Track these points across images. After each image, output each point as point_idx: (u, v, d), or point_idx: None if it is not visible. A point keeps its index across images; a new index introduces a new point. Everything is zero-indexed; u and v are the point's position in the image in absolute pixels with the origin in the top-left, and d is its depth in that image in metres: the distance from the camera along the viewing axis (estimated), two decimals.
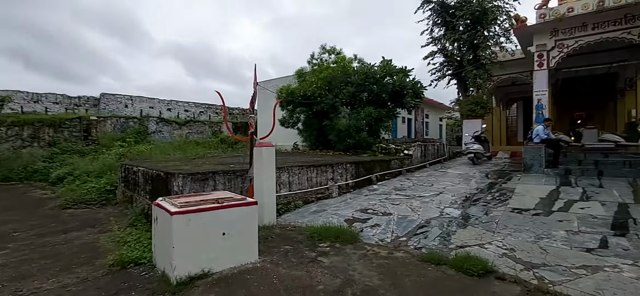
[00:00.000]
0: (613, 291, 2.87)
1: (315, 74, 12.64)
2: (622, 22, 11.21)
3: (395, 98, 12.19)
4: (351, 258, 3.87)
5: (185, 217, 3.20)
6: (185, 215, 3.20)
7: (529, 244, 4.14)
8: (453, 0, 15.95)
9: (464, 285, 3.13)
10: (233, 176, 5.79)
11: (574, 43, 12.11)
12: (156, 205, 3.63)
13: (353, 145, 11.50)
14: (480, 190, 7.45)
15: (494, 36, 15.55)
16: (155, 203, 3.67)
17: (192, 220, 3.24)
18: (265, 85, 19.11)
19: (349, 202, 6.96)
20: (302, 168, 6.93)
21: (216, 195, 3.87)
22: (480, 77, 15.16)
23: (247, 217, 3.66)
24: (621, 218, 4.92)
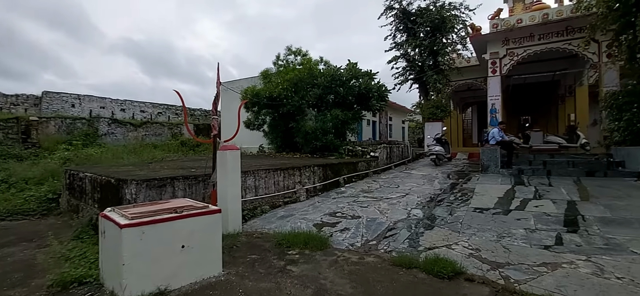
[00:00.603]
0: (573, 288, 3.00)
1: (281, 76, 12.41)
2: (564, 34, 12.28)
3: (361, 101, 12.32)
4: (322, 265, 3.73)
5: (138, 230, 2.86)
6: (137, 228, 2.86)
7: (492, 243, 4.27)
8: (414, 8, 16.54)
9: (435, 288, 3.11)
10: (194, 182, 5.41)
11: (522, 52, 13.04)
12: (103, 216, 3.22)
13: (320, 148, 11.42)
14: (443, 191, 7.69)
15: (452, 43, 16.34)
16: (103, 214, 3.26)
17: (145, 233, 2.90)
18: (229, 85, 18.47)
19: (317, 205, 6.82)
20: (269, 171, 6.68)
21: (174, 204, 3.53)
22: (439, 82, 15.85)
23: (210, 226, 3.37)
24: (571, 215, 5.28)
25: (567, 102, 19.66)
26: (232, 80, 18.46)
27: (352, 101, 12.01)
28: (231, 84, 18.03)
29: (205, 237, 3.34)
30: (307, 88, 12.33)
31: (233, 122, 17.35)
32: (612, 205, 5.66)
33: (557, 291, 2.96)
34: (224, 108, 19.06)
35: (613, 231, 4.45)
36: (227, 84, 19.73)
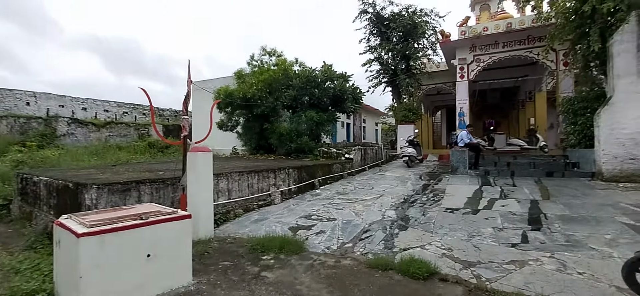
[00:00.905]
0: (540, 284, 3.13)
1: (256, 76, 12.18)
2: (526, 42, 13.04)
3: (336, 103, 12.36)
4: (297, 270, 3.64)
5: (97, 239, 2.63)
6: (97, 237, 2.63)
7: (463, 242, 4.39)
8: (387, 13, 16.89)
9: (411, 289, 3.13)
10: (162, 185, 5.13)
11: (488, 58, 13.71)
12: (59, 224, 2.95)
13: (295, 150, 11.31)
14: (416, 192, 7.85)
15: (423, 48, 16.84)
16: (58, 222, 2.98)
17: (106, 242, 2.67)
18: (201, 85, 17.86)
19: (292, 208, 6.73)
20: (243, 174, 6.49)
21: (140, 209, 3.31)
22: (411, 85, 16.28)
23: (179, 233, 3.18)
24: (535, 213, 5.56)
25: (527, 106, 20.91)
26: (205, 80, 17.89)
27: (327, 103, 12.02)
28: (203, 84, 17.44)
29: (174, 245, 3.15)
30: (282, 89, 12.19)
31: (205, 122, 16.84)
32: (570, 204, 6.03)
33: (526, 288, 3.07)
34: (195, 109, 18.46)
35: (572, 228, 4.73)
36: (199, 83, 19.10)
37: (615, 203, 5.88)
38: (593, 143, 8.62)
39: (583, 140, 9.36)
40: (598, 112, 8.25)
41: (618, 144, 7.76)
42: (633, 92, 7.61)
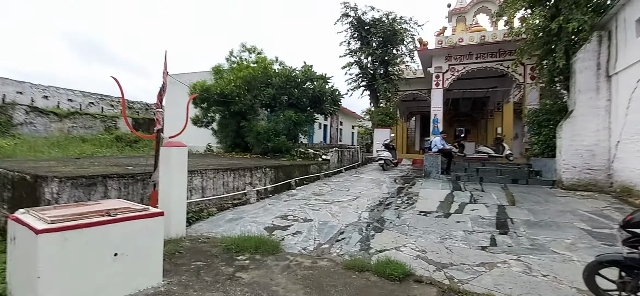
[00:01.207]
0: (508, 286, 3.26)
1: (234, 72, 11.92)
2: (497, 55, 13.68)
3: (315, 104, 12.35)
4: (273, 271, 3.58)
5: (59, 236, 2.44)
6: (58, 234, 2.44)
7: (436, 245, 4.51)
8: (368, 18, 17.12)
9: (388, 291, 3.16)
10: (132, 181, 4.87)
11: (462, 68, 14.25)
12: (14, 219, 2.71)
13: (272, 149, 11.17)
14: (391, 195, 7.99)
15: (401, 55, 17.23)
16: (13, 217, 2.74)
17: (69, 239, 2.49)
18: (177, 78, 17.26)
19: (268, 208, 6.63)
20: (218, 171, 6.31)
21: (107, 205, 3.11)
22: (389, 90, 16.61)
23: (150, 231, 3.03)
24: (502, 218, 5.83)
25: (495, 116, 21.94)
26: (180, 73, 17.24)
27: (306, 103, 11.98)
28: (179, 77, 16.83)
29: (144, 243, 2.99)
30: (261, 88, 12.01)
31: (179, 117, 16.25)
32: (534, 210, 6.37)
33: (495, 290, 3.19)
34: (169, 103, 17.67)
35: (536, 233, 4.99)
36: (174, 77, 18.44)
37: (573, 210, 6.28)
38: (555, 153, 9.19)
39: (546, 150, 9.93)
40: (560, 124, 8.80)
41: (577, 155, 8.32)
42: (592, 107, 8.19)
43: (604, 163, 8.02)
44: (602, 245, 4.42)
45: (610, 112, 7.94)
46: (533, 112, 11.28)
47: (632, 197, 6.71)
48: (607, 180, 7.93)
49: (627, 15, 7.14)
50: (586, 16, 8.21)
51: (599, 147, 8.10)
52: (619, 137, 7.51)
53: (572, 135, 8.40)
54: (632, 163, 6.96)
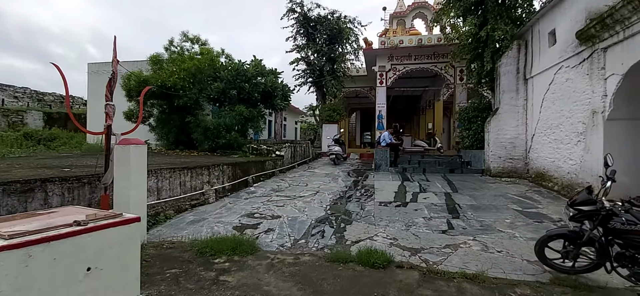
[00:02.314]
0: (474, 263, 3.68)
1: (177, 64, 10.98)
2: (432, 57, 15.04)
3: (266, 99, 12.09)
4: (258, 271, 3.47)
5: (22, 253, 2.03)
6: (21, 251, 2.03)
7: (404, 232, 4.84)
8: (314, 15, 17.28)
9: (376, 278, 3.32)
10: (77, 184, 4.22)
11: (403, 68, 15.34)
12: None
13: (222, 145, 10.63)
14: (349, 188, 8.28)
15: (347, 53, 17.79)
16: None
17: (33, 256, 2.08)
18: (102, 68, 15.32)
19: (230, 207, 6.34)
20: (174, 171, 5.81)
21: (65, 213, 2.66)
22: (335, 87, 17.05)
23: (125, 240, 2.67)
24: (451, 204, 6.49)
25: (427, 113, 24.08)
26: (105, 62, 15.29)
27: (257, 98, 11.65)
28: (104, 67, 14.96)
29: (120, 254, 2.64)
30: (208, 81, 11.32)
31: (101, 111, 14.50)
32: (474, 195, 7.22)
33: (465, 267, 3.58)
34: (92, 96, 15.63)
35: (482, 215, 5.68)
36: (96, 66, 16.28)
37: (504, 194, 7.29)
38: (483, 145, 10.50)
39: (475, 143, 11.29)
40: (488, 120, 10.09)
41: (501, 147, 9.64)
42: (513, 105, 9.55)
43: (522, 153, 9.45)
44: (534, 222, 5.23)
45: (527, 110, 9.37)
46: (464, 109, 12.70)
47: (545, 181, 8.04)
48: (524, 168, 9.36)
49: (541, 28, 8.48)
50: (508, 27, 9.54)
51: (518, 139, 9.50)
52: (534, 131, 8.92)
53: (498, 129, 9.70)
54: (544, 153, 8.32)
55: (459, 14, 10.92)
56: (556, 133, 7.71)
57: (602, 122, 5.90)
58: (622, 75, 5.48)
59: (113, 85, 4.46)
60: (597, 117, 6.04)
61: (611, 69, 5.76)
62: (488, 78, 10.83)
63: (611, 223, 2.82)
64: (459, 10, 10.74)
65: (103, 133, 4.37)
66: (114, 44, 4.55)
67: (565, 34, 7.25)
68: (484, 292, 3.03)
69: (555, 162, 7.67)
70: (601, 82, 5.99)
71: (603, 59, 5.96)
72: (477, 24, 10.10)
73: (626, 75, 5.43)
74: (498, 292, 3.03)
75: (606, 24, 5.58)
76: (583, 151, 6.51)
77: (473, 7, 10.42)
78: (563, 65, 7.35)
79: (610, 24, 5.51)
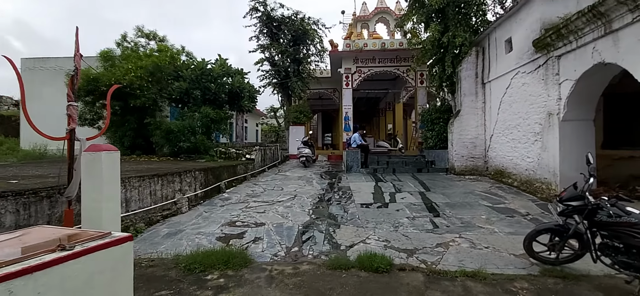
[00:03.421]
0: (469, 260, 3.82)
1: (133, 61, 10.05)
2: (395, 61, 15.57)
3: (233, 100, 11.56)
4: (259, 286, 3.24)
5: (2, 288, 1.64)
6: (1, 286, 1.64)
7: (394, 233, 4.89)
8: (278, 15, 16.98)
9: (383, 283, 3.27)
10: (34, 199, 3.61)
11: (368, 70, 15.68)
12: None
13: (187, 149, 9.94)
14: (325, 191, 8.20)
15: (312, 55, 17.76)
16: None
17: (16, 292, 1.70)
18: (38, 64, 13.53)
19: (206, 216, 5.91)
20: (143, 179, 5.26)
21: (39, 237, 2.23)
22: (301, 88, 16.92)
23: (118, 263, 2.31)
24: (428, 203, 6.72)
25: (387, 114, 24.96)
26: (44, 58, 13.52)
27: (224, 99, 11.09)
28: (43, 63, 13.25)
29: (111, 281, 2.26)
30: (169, 80, 10.52)
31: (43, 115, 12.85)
32: (445, 193, 7.56)
33: (462, 265, 3.69)
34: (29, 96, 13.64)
35: (459, 213, 5.94)
36: (32, 62, 14.30)
37: (472, 191, 7.74)
38: (446, 145, 11.10)
39: (438, 143, 11.89)
40: (451, 121, 10.68)
41: (464, 146, 10.26)
42: (473, 108, 10.23)
43: (482, 152, 10.15)
44: (506, 217, 5.60)
45: (485, 112, 10.09)
46: (426, 111, 13.32)
47: (504, 177, 8.71)
48: (484, 166, 10.06)
49: (497, 36, 9.18)
50: (466, 34, 10.20)
51: (478, 139, 10.19)
52: (492, 131, 9.62)
53: (460, 130, 10.32)
54: (502, 152, 9.02)
55: (421, 19, 11.43)
56: (514, 134, 8.39)
57: (558, 123, 6.53)
58: (575, 81, 6.11)
59: (76, 82, 3.91)
60: (553, 118, 6.67)
61: (565, 75, 6.40)
62: (449, 82, 11.47)
63: (598, 216, 3.08)
64: (422, 16, 11.24)
65: (65, 139, 3.81)
66: (76, 36, 4.01)
67: (521, 42, 7.92)
68: (487, 289, 3.13)
69: (514, 160, 8.34)
70: (556, 87, 6.62)
71: (557, 65, 6.60)
72: (439, 30, 10.65)
73: (578, 80, 6.06)
74: (500, 287, 3.15)
75: (561, 34, 6.19)
76: (540, 150, 7.14)
77: (434, 15, 10.98)
78: (520, 71, 8.03)
79: (565, 34, 6.11)
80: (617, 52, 5.16)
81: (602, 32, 5.33)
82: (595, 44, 5.56)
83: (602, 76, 6.00)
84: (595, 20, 5.38)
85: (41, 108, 13.25)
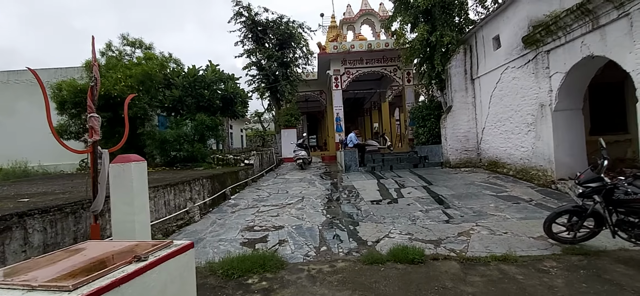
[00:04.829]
0: (494, 246, 4.01)
1: (123, 70, 9.72)
2: (382, 61, 15.89)
3: (226, 106, 11.41)
4: (304, 285, 3.27)
5: None
6: None
7: (414, 227, 5.03)
8: (263, 19, 16.90)
9: (423, 272, 3.39)
10: (60, 215, 3.45)
11: (356, 71, 15.92)
12: None
13: (183, 158, 9.71)
14: (331, 191, 8.28)
15: (299, 58, 17.80)
16: None
17: None
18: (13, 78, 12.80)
19: (221, 223, 5.83)
20: (158, 189, 5.13)
21: (97, 251, 2.18)
22: (290, 92, 16.92)
23: (185, 271, 2.31)
24: (435, 196, 6.94)
25: (373, 114, 25.37)
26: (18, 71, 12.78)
27: (218, 105, 10.92)
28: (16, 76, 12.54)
29: (180, 289, 2.26)
30: (159, 89, 10.26)
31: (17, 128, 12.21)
32: (449, 186, 7.82)
33: (489, 250, 3.87)
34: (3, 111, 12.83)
35: (468, 203, 6.18)
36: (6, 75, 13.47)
37: (472, 182, 8.06)
38: (438, 141, 11.47)
39: (430, 139, 12.26)
40: (444, 117, 11.05)
41: (457, 140, 10.65)
42: (464, 103, 10.64)
43: (475, 145, 10.57)
44: (513, 204, 5.88)
45: (476, 106, 10.53)
46: (417, 108, 13.69)
47: (498, 167, 9.12)
48: (477, 158, 10.48)
49: (485, 34, 9.62)
50: (453, 33, 10.61)
51: (470, 133, 10.61)
52: (484, 125, 10.05)
53: (453, 125, 10.70)
54: (495, 144, 9.44)
55: (408, 20, 11.76)
56: (506, 125, 8.81)
57: (550, 113, 6.94)
58: (565, 73, 6.53)
59: (96, 92, 3.78)
60: (546, 109, 7.09)
61: (555, 68, 6.82)
62: (438, 79, 11.87)
63: (615, 194, 3.34)
64: (409, 17, 11.58)
65: (88, 151, 3.68)
66: (93, 45, 3.88)
67: (509, 38, 8.35)
68: (521, 270, 3.32)
69: (508, 151, 8.76)
70: (546, 80, 7.04)
71: (547, 59, 7.02)
72: (427, 30, 11.01)
73: (568, 73, 6.48)
74: (532, 268, 3.35)
75: (551, 30, 6.60)
76: (534, 139, 7.55)
77: (421, 15, 11.33)
78: (509, 66, 8.45)
79: (554, 30, 6.52)
80: (604, 45, 5.57)
81: (590, 27, 5.74)
82: (584, 39, 5.97)
83: (589, 68, 6.44)
84: (583, 16, 5.79)
85: (13, 123, 12.56)
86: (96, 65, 3.90)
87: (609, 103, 7.89)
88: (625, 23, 5.12)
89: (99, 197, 3.61)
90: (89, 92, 3.76)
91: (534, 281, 3.05)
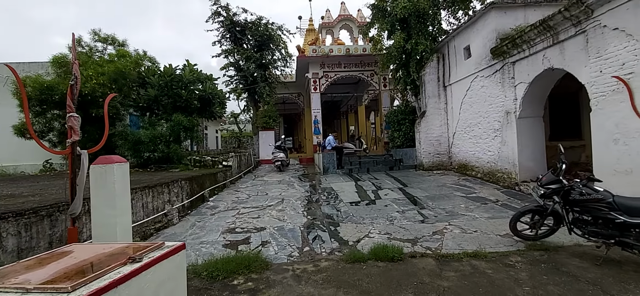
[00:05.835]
0: (466, 244, 4.30)
1: (94, 67, 9.31)
2: (359, 65, 16.27)
3: (204, 107, 11.22)
4: (290, 284, 3.37)
5: None
6: None
7: (392, 227, 5.26)
8: (242, 19, 16.78)
9: (402, 269, 3.59)
10: (35, 218, 3.33)
11: (334, 75, 16.17)
12: None
13: (158, 159, 9.45)
14: (310, 193, 8.40)
15: (277, 60, 17.80)
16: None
17: None
18: None
19: (201, 225, 5.78)
20: (136, 191, 5.02)
21: (83, 254, 2.17)
22: (268, 93, 16.89)
23: (176, 272, 2.35)
24: (410, 197, 7.24)
25: (349, 117, 25.78)
26: None
27: (196, 106, 10.71)
28: None
29: (172, 290, 2.30)
30: (133, 88, 9.93)
31: None
32: (423, 188, 8.19)
33: (461, 247, 4.16)
34: None
35: (440, 204, 6.53)
36: None
37: (444, 184, 8.48)
38: (413, 144, 11.93)
39: (405, 142, 12.71)
40: (418, 121, 11.52)
41: (430, 144, 11.14)
42: (437, 108, 11.15)
43: (446, 148, 11.10)
44: (481, 205, 6.29)
45: (448, 112, 11.07)
46: (392, 112, 14.13)
47: (468, 170, 9.65)
48: (449, 161, 11.01)
49: (457, 44, 10.17)
50: (427, 41, 11.11)
51: (442, 137, 11.13)
52: (455, 130, 10.59)
53: (427, 129, 11.18)
54: (465, 148, 9.98)
55: (386, 27, 12.16)
56: (475, 131, 9.35)
57: (515, 120, 7.48)
58: (528, 84, 7.07)
59: (76, 91, 3.68)
60: (511, 116, 7.62)
61: (519, 79, 7.37)
62: (413, 85, 12.34)
63: (571, 195, 3.71)
64: (386, 24, 11.98)
65: (67, 152, 3.58)
66: (73, 42, 3.78)
67: (479, 49, 8.89)
68: (490, 264, 3.61)
69: (476, 154, 9.30)
70: (512, 89, 7.58)
71: (513, 70, 7.57)
72: (404, 38, 11.45)
73: (531, 83, 7.03)
74: (500, 262, 3.65)
75: (516, 43, 7.13)
76: (500, 144, 8.09)
77: (398, 24, 11.76)
78: (479, 75, 8.99)
79: (519, 43, 7.06)
80: (563, 59, 6.12)
81: (551, 42, 6.28)
82: (545, 52, 6.52)
83: (549, 79, 7.02)
84: (545, 32, 6.32)
85: None
86: (77, 63, 3.80)
87: (566, 111, 8.61)
88: (581, 39, 5.66)
89: (78, 199, 3.53)
90: (69, 91, 3.67)
91: (501, 275, 3.34)
